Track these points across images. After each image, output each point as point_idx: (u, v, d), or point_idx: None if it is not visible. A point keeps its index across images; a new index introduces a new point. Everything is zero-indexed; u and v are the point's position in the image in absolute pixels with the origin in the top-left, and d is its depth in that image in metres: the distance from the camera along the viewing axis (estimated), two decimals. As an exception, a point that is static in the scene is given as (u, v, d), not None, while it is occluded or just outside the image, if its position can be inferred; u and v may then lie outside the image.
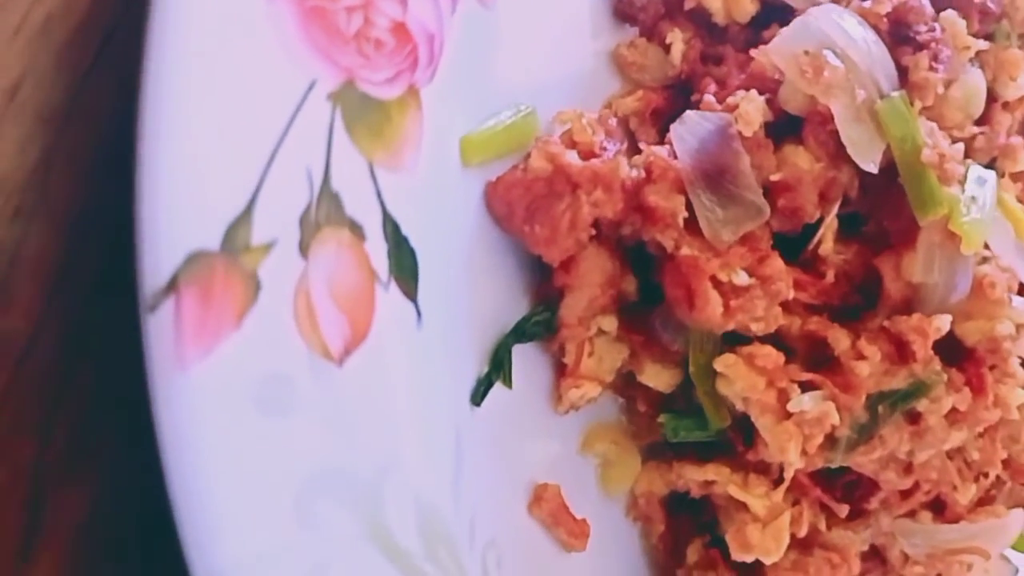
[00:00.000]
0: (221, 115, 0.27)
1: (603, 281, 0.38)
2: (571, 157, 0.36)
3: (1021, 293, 0.38)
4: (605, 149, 0.37)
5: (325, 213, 0.30)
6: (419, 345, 0.33)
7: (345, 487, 0.29)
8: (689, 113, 0.37)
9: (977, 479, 0.40)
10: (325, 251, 0.30)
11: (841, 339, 0.37)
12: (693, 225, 0.37)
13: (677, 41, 0.41)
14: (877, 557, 0.43)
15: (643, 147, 0.37)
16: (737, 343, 0.37)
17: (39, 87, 0.30)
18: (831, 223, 0.38)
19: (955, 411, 0.38)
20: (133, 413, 0.29)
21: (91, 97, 0.31)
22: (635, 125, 0.41)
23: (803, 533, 0.39)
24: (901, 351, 0.37)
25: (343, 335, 0.30)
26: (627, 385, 0.41)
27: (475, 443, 0.35)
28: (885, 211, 0.38)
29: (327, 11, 0.30)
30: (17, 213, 0.30)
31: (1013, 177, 0.41)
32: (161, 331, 0.26)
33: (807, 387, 0.36)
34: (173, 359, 0.26)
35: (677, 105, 0.40)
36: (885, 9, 0.37)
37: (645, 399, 0.41)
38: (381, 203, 0.32)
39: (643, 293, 0.39)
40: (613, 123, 0.39)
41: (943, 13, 0.38)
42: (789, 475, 0.36)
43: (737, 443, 0.38)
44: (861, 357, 0.37)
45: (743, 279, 0.35)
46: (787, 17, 0.38)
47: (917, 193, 0.36)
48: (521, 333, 0.37)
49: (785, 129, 0.38)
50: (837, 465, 0.38)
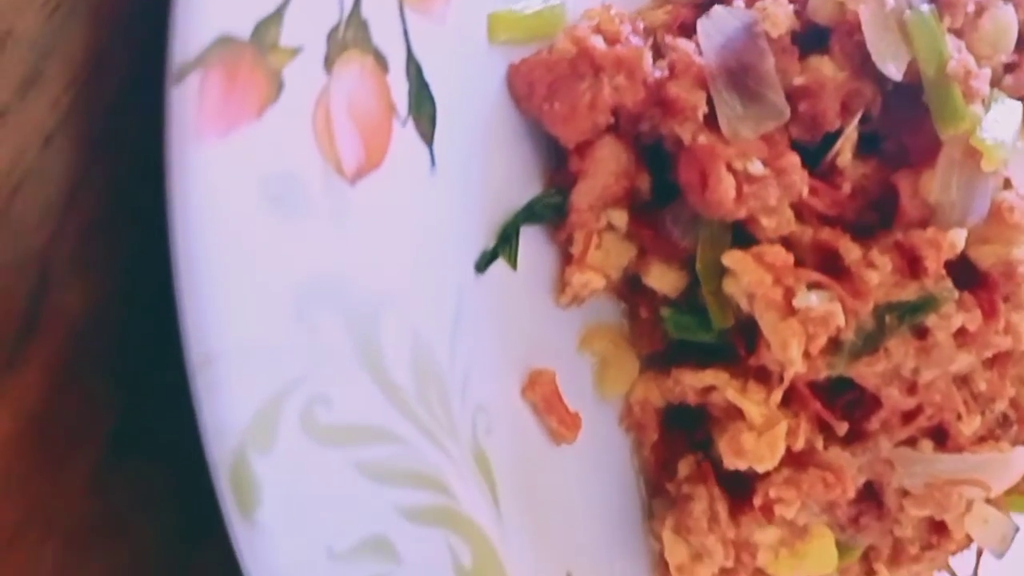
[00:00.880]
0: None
1: (617, 171, 0.38)
2: (596, 41, 0.37)
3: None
4: (630, 40, 0.38)
5: (352, 35, 0.30)
6: (430, 190, 0.33)
7: (345, 301, 0.29)
8: (717, 8, 0.37)
9: (983, 412, 0.39)
10: (349, 72, 0.30)
11: (852, 249, 0.37)
12: (712, 122, 0.37)
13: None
14: (873, 500, 0.43)
15: (668, 40, 0.38)
16: (747, 245, 0.38)
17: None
18: (851, 134, 0.38)
19: (964, 332, 0.37)
20: (147, 224, 0.29)
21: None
22: (662, 38, 0.42)
23: (799, 446, 0.38)
24: (913, 266, 0.37)
25: (357, 157, 0.30)
26: (631, 291, 0.41)
27: (475, 310, 0.35)
28: (906, 128, 0.38)
29: None
30: (56, 8, 0.30)
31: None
32: (184, 102, 0.26)
33: (815, 288, 0.36)
34: (192, 131, 0.26)
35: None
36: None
37: (649, 306, 0.41)
38: (407, 42, 0.32)
39: (656, 195, 0.40)
40: (640, 26, 0.40)
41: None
42: (789, 376, 0.36)
43: (739, 347, 0.38)
44: (872, 266, 0.37)
45: (758, 168, 0.35)
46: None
47: (940, 106, 0.36)
48: (531, 212, 0.37)
49: (811, 43, 0.39)
50: (839, 374, 0.37)
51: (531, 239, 0.39)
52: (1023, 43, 0.41)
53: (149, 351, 0.31)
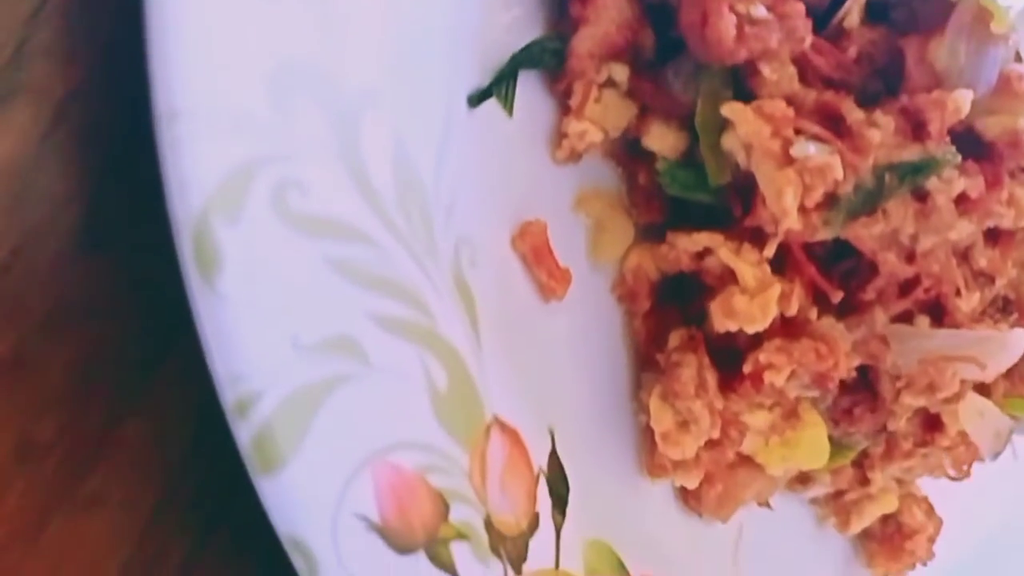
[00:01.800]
0: None
1: (620, 21, 0.37)
2: None
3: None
4: None
5: None
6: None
7: (325, 92, 0.29)
8: None
9: (982, 290, 0.38)
10: None
11: (855, 110, 0.36)
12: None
13: None
14: (867, 390, 0.42)
15: None
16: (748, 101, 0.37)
17: None
18: (860, -6, 0.37)
19: (966, 198, 0.36)
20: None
21: None
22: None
23: (791, 312, 0.37)
24: (916, 130, 0.36)
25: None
26: (630, 158, 0.41)
27: (465, 144, 0.34)
28: (917, -8, 0.37)
29: None
30: None
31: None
32: None
33: (814, 141, 0.36)
34: None
35: None
36: None
37: (647, 172, 0.40)
38: None
39: (659, 55, 0.39)
40: None
41: None
42: (782, 229, 0.35)
43: (735, 207, 0.37)
44: (873, 125, 0.36)
45: (760, 12, 0.35)
46: None
47: (952, -36, 0.36)
48: (529, 54, 0.36)
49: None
50: (835, 236, 0.36)
51: (529, 92, 0.38)
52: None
53: (120, 142, 0.31)
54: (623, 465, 0.41)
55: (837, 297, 0.37)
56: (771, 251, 0.36)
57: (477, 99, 0.35)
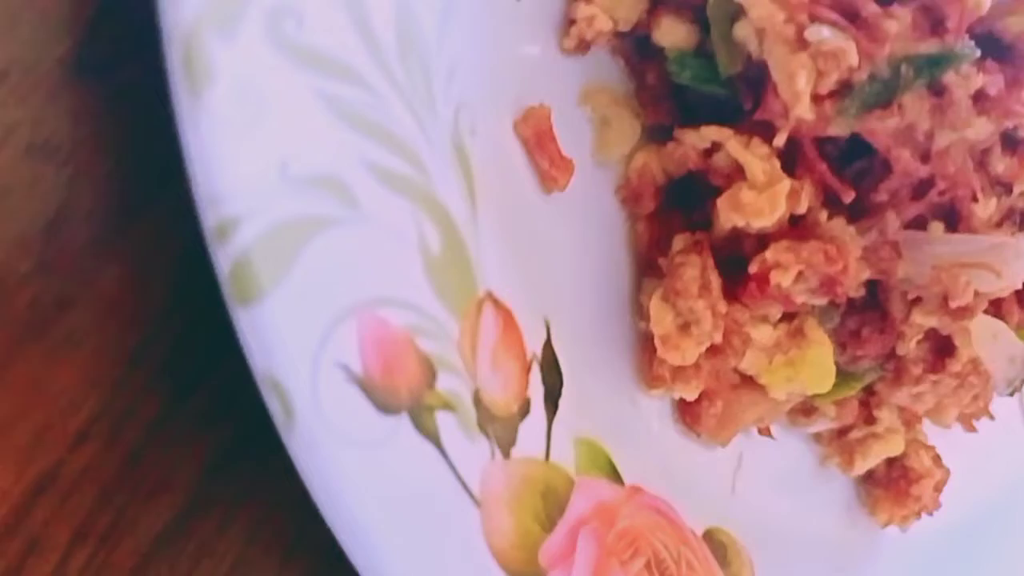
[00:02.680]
0: None
1: (633, -93, 0.37)
2: None
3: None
4: None
5: None
6: None
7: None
8: None
9: (999, 198, 0.37)
10: None
11: (871, 3, 0.35)
12: None
13: None
14: (877, 310, 0.41)
15: None
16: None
17: None
18: None
19: (984, 96, 0.35)
20: None
21: None
22: None
23: (801, 209, 0.36)
24: (934, 26, 0.35)
25: None
26: (639, 57, 0.39)
27: (470, 14, 0.33)
28: None
29: None
30: None
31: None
32: None
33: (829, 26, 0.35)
34: None
35: None
36: None
37: (656, 71, 0.39)
38: None
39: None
40: None
41: None
42: (793, 117, 0.34)
43: (745, 100, 0.36)
44: (890, 16, 0.35)
45: None
46: None
47: None
48: (541, -65, 0.36)
49: None
50: (848, 130, 0.35)
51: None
52: None
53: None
54: (620, 376, 0.39)
55: (848, 197, 0.36)
56: (781, 140, 0.34)
57: (481, -29, 0.35)
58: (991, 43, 0.36)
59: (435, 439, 0.30)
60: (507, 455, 0.33)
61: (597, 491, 0.36)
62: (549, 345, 0.36)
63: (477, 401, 0.32)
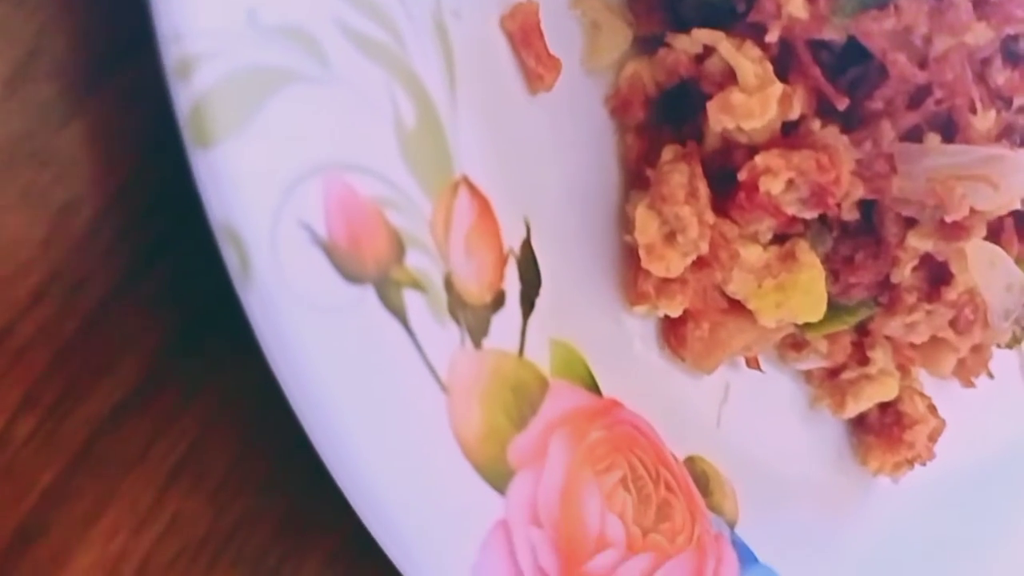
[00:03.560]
0: None
1: None
2: None
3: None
4: None
5: None
6: None
7: None
8: None
9: (999, 111, 0.36)
10: None
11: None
12: None
13: None
14: (871, 235, 0.39)
15: None
16: None
17: None
18: None
19: (984, 0, 0.34)
20: None
21: None
22: None
23: (794, 115, 0.35)
24: (933, -71, 0.34)
25: None
26: (634, -36, 0.39)
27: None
28: None
29: None
30: None
31: None
32: None
33: (826, -78, 0.34)
34: None
35: None
36: None
37: (651, -23, 0.38)
38: None
39: None
40: None
41: None
42: (787, 11, 0.33)
43: (738, 1, 0.35)
44: (889, -84, 0.34)
45: None
46: None
47: None
48: None
49: None
50: (842, 33, 0.34)
51: None
52: None
53: None
54: (604, 292, 0.38)
55: (842, 103, 0.35)
56: (774, 35, 0.33)
57: None
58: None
59: (402, 316, 0.29)
60: (478, 345, 0.32)
61: (573, 397, 0.35)
62: (528, 245, 0.34)
63: (448, 285, 0.31)
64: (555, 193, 0.36)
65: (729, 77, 0.35)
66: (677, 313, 0.37)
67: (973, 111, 0.35)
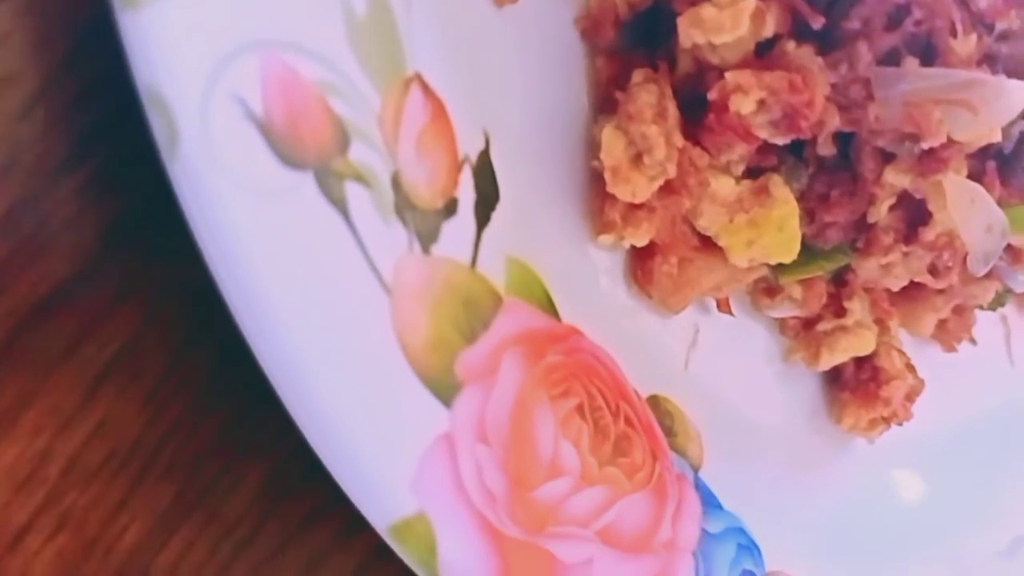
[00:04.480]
0: None
1: None
2: None
3: None
4: None
5: None
6: None
7: None
8: None
9: (980, 37, 0.35)
10: None
11: None
12: None
13: None
14: (847, 171, 0.38)
15: None
16: None
17: None
18: None
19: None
20: None
21: None
22: None
23: (767, 33, 0.34)
24: None
25: None
26: None
27: None
28: None
29: None
30: None
31: None
32: None
33: None
34: None
35: None
36: None
37: None
38: None
39: None
40: None
41: None
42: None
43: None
44: None
45: None
46: None
47: None
48: None
49: None
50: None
51: None
52: None
53: None
54: (568, 220, 0.37)
55: (818, 22, 0.34)
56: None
57: None
58: None
59: (343, 208, 0.28)
60: (427, 250, 0.30)
61: (529, 317, 0.33)
62: (487, 156, 0.33)
63: (396, 184, 0.30)
64: (519, 111, 0.35)
65: (703, -2, 0.34)
66: (643, 242, 0.36)
67: (953, 34, 0.34)
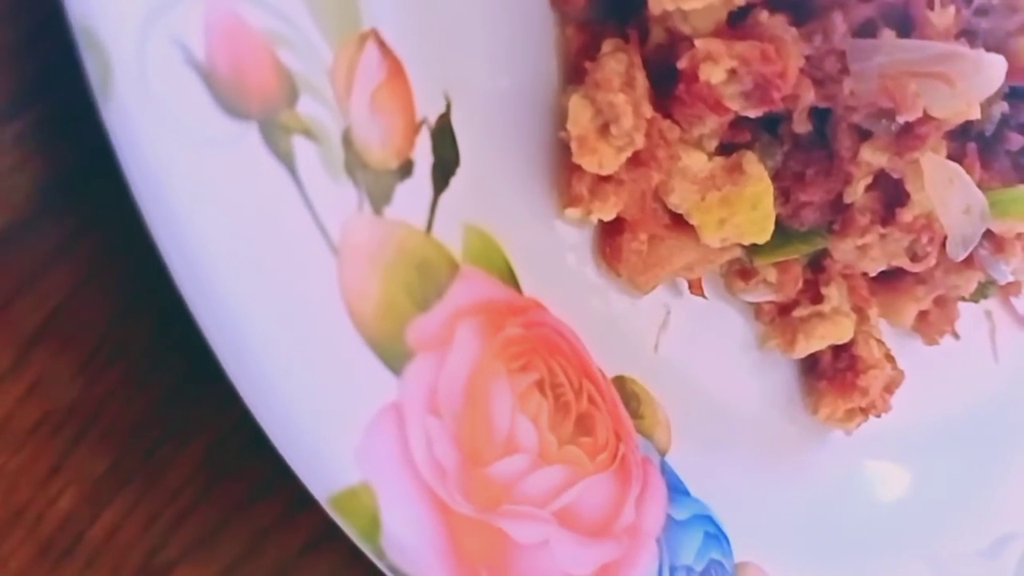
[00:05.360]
0: None
1: None
2: None
3: None
4: None
5: None
6: None
7: None
8: None
9: (958, 8, 0.34)
10: None
11: None
12: None
13: None
14: (823, 148, 0.37)
15: None
16: None
17: None
18: None
19: None
20: None
21: None
22: None
23: (739, 2, 0.32)
24: None
25: None
26: None
27: None
28: None
29: None
30: None
31: None
32: None
33: None
34: None
35: None
36: None
37: None
38: None
39: None
40: None
41: None
42: None
43: None
44: None
45: None
46: None
47: None
48: None
49: None
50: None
51: None
52: None
53: None
54: (535, 193, 0.36)
55: (792, -10, 0.33)
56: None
57: None
58: None
59: (289, 163, 0.27)
60: (378, 211, 0.29)
61: (488, 287, 0.32)
62: (447, 120, 0.32)
63: (347, 141, 0.28)
64: (485, 77, 0.34)
65: (674, -37, 0.33)
66: (610, 217, 0.35)
67: (931, 6, 0.33)
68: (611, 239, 0.37)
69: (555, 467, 0.33)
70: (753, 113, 0.34)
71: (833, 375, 0.42)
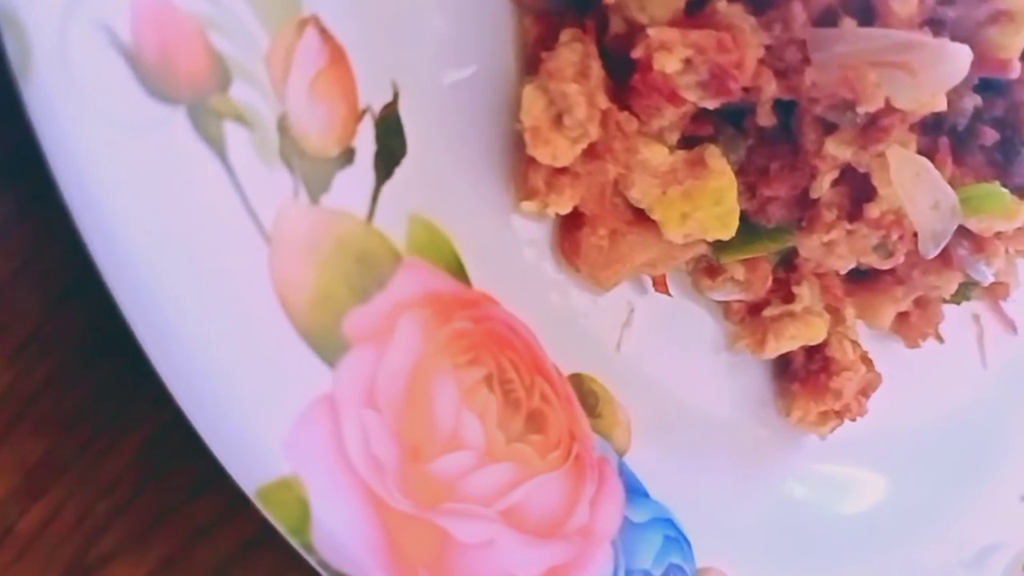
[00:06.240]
0: None
1: None
2: None
3: None
4: None
5: None
6: None
7: None
8: None
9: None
10: None
11: None
12: None
13: None
14: (788, 142, 0.36)
15: None
16: None
17: None
18: None
19: None
20: None
21: None
22: None
23: (694, -10, 0.32)
24: None
25: None
26: None
27: None
28: None
29: None
30: None
31: None
32: None
33: None
34: None
35: None
36: None
37: None
38: None
39: None
40: None
41: None
42: None
43: None
44: None
45: None
46: None
47: None
48: None
49: None
50: None
51: None
52: None
53: None
54: (490, 187, 0.35)
55: (749, -22, 0.32)
56: None
57: None
58: None
59: (219, 148, 0.26)
60: (315, 200, 0.29)
61: (433, 279, 0.32)
62: (393, 108, 0.32)
63: (283, 127, 0.28)
64: (437, 67, 0.33)
65: (631, -47, 0.33)
66: (566, 210, 0.34)
67: (893, -7, 0.32)
68: (570, 234, 0.36)
69: (502, 465, 0.32)
70: (711, 104, 0.33)
71: (806, 377, 0.41)
